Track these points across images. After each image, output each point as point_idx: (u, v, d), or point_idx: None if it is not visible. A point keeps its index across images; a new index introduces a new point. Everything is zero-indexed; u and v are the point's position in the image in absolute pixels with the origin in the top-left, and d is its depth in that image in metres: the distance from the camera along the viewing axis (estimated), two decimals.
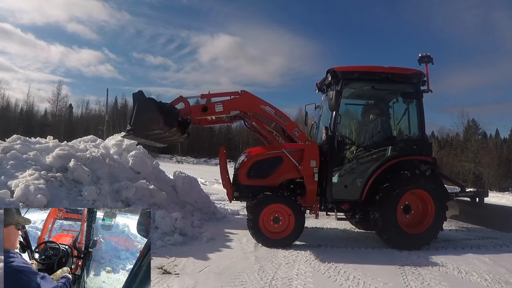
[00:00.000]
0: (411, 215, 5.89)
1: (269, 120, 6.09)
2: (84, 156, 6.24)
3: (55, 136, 7.51)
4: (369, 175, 5.77)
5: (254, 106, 5.99)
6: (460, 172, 41.55)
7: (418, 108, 6.09)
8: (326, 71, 6.25)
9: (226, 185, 6.19)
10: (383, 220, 5.59)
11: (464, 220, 7.55)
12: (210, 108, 5.95)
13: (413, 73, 6.05)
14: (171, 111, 5.75)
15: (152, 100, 5.55)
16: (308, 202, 5.93)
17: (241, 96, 5.99)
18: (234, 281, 3.95)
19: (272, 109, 6.02)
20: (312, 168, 5.79)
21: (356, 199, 5.84)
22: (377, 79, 6.05)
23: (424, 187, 5.74)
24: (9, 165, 5.66)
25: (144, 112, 5.39)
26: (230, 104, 5.96)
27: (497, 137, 58.29)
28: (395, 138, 6.31)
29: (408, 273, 4.48)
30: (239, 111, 6.02)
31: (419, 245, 5.64)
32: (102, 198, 5.66)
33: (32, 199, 4.88)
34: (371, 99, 6.74)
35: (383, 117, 6.33)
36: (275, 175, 5.90)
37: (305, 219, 5.70)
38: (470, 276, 4.46)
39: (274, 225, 5.55)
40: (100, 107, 58.08)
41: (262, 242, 5.50)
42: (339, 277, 4.24)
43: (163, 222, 5.69)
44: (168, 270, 4.18)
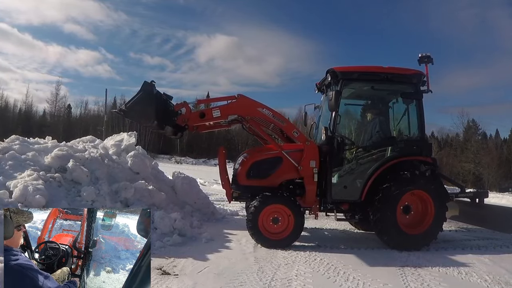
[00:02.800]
0: (411, 216, 5.87)
1: (267, 122, 6.10)
2: (83, 156, 6.22)
3: (53, 136, 7.48)
4: (369, 176, 5.76)
5: (251, 109, 6.00)
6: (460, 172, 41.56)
7: (418, 109, 6.08)
8: (326, 71, 6.24)
9: (225, 185, 6.18)
10: (382, 220, 5.58)
11: (464, 221, 7.54)
12: (207, 114, 5.96)
13: (413, 73, 6.05)
14: (169, 115, 5.82)
15: (156, 98, 5.57)
16: (307, 203, 5.92)
17: (238, 100, 5.99)
18: (233, 282, 3.94)
19: (270, 111, 6.03)
20: (312, 168, 5.78)
21: (355, 199, 5.83)
22: (377, 79, 6.04)
23: (423, 188, 5.73)
24: (8, 165, 5.64)
25: (143, 105, 5.44)
26: (227, 109, 5.96)
27: (497, 138, 58.37)
28: (394, 139, 6.30)
29: (408, 273, 4.47)
30: (237, 115, 6.01)
31: (418, 245, 5.63)
32: (101, 199, 5.64)
33: (30, 200, 4.87)
34: (371, 99, 6.73)
35: (382, 117, 6.32)
36: (274, 175, 5.89)
37: (304, 219, 5.68)
38: (470, 277, 4.46)
39: (273, 225, 5.54)
40: (99, 107, 57.94)
41: (261, 243, 5.49)
42: (339, 278, 4.24)
43: (162, 222, 5.68)
44: (167, 271, 4.17)
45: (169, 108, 5.98)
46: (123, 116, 5.77)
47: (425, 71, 6.11)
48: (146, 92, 5.50)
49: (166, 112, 5.85)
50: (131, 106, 5.52)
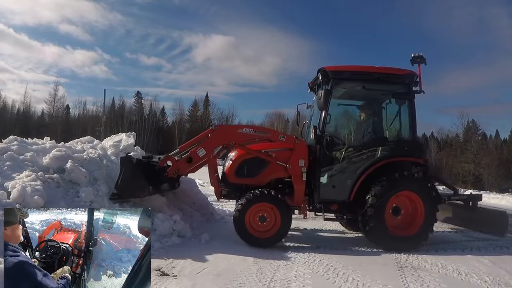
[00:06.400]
0: (400, 217, 5.83)
1: (252, 139, 6.11)
2: (81, 157, 6.19)
3: (52, 137, 7.45)
4: (358, 176, 5.74)
5: (232, 134, 6.07)
6: (460, 173, 41.66)
7: (410, 109, 6.05)
8: (317, 71, 6.22)
9: (214, 183, 6.16)
10: (371, 221, 5.52)
11: (457, 224, 7.40)
12: (194, 157, 5.95)
13: (404, 73, 6.02)
14: (159, 174, 5.83)
15: (138, 167, 5.57)
16: (296, 202, 5.91)
17: (217, 131, 6.04)
18: (233, 283, 3.93)
19: (250, 128, 6.22)
20: (301, 167, 5.79)
21: (344, 199, 5.80)
22: (368, 79, 6.02)
23: (413, 189, 5.69)
24: (6, 166, 5.60)
25: (131, 180, 5.43)
26: (210, 144, 5.99)
27: (497, 138, 58.39)
28: (385, 139, 6.28)
29: (407, 274, 4.46)
30: (221, 146, 6.04)
31: (408, 247, 5.54)
32: (99, 200, 5.61)
33: (29, 200, 4.84)
34: (363, 99, 6.71)
35: (374, 117, 6.31)
36: (263, 174, 5.89)
37: (291, 218, 5.65)
38: (469, 277, 4.45)
39: (260, 223, 5.53)
40: (98, 108, 57.89)
41: (247, 240, 5.47)
42: (338, 279, 4.22)
43: (161, 224, 5.65)
44: (166, 272, 4.15)
45: (155, 167, 5.96)
46: (119, 199, 5.57)
47: (417, 71, 6.07)
48: (127, 167, 5.45)
49: (154, 173, 5.85)
50: (120, 187, 5.44)
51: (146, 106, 63.22)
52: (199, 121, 60.72)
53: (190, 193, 7.73)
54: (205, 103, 65.30)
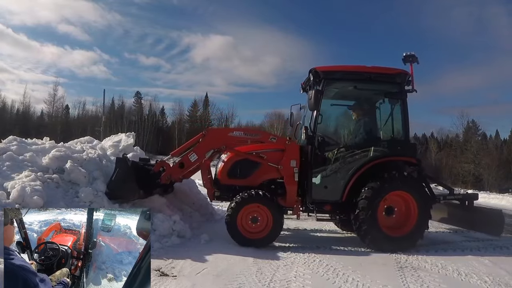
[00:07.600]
0: (394, 217, 5.81)
1: (243, 141, 6.09)
2: (80, 157, 6.18)
3: (51, 137, 7.43)
4: (350, 176, 5.72)
5: (223, 138, 6.04)
6: (459, 173, 41.61)
7: (403, 109, 6.03)
8: (308, 71, 6.20)
9: (207, 184, 6.15)
10: (364, 222, 5.48)
11: (453, 224, 7.31)
12: (186, 162, 5.94)
13: (396, 72, 6.00)
14: (153, 178, 5.82)
15: (133, 169, 5.55)
16: (288, 203, 5.89)
17: (207, 135, 6.01)
18: (232, 283, 3.92)
19: (241, 131, 6.22)
20: (292, 168, 5.78)
21: (336, 200, 5.79)
22: (360, 79, 6.01)
23: (406, 189, 5.67)
24: (5, 166, 5.59)
25: (123, 182, 5.44)
26: (201, 148, 5.96)
27: (497, 138, 58.28)
28: (378, 139, 6.26)
29: (407, 275, 4.45)
30: (213, 150, 6.01)
31: (401, 248, 5.52)
32: (99, 200, 5.60)
33: (28, 201, 4.83)
34: (355, 99, 6.69)
35: (366, 117, 6.30)
36: (255, 175, 5.89)
37: (283, 219, 5.66)
38: (469, 278, 4.44)
39: (252, 224, 5.52)
40: (97, 108, 57.86)
41: (239, 241, 5.46)
42: (338, 279, 4.22)
43: (161, 224, 5.65)
44: (165, 272, 4.15)
45: (150, 172, 5.95)
46: (110, 198, 5.59)
47: (410, 71, 6.05)
48: (121, 168, 5.46)
49: (148, 177, 5.84)
50: (112, 187, 5.49)
51: (145, 106, 63.39)
52: (198, 121, 60.75)
53: (190, 193, 7.71)
54: (204, 103, 65.39)
